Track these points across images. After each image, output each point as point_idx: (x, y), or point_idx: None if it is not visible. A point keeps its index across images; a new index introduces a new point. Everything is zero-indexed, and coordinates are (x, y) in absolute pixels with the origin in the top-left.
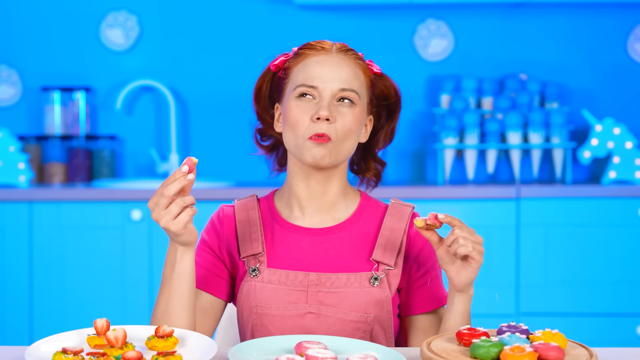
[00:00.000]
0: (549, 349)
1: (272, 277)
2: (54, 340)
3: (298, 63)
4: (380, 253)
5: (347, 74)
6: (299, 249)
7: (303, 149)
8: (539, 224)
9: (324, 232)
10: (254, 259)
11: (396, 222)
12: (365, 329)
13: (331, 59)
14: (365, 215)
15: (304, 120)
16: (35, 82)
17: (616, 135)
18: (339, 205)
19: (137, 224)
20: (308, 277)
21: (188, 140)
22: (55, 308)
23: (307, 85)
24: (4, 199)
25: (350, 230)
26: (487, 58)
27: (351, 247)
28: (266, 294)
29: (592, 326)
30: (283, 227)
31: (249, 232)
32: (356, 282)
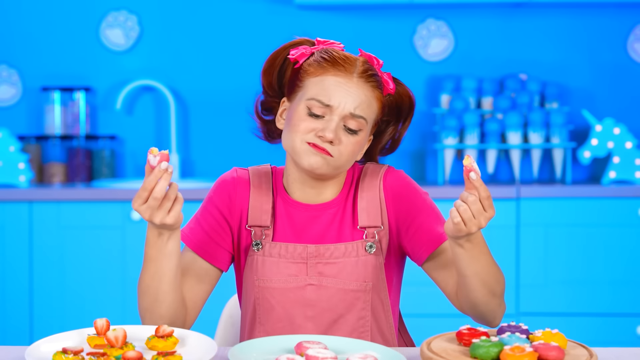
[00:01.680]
0: (549, 349)
1: (273, 251)
2: (54, 340)
3: (317, 74)
4: (364, 217)
5: (362, 101)
6: (299, 223)
7: (302, 152)
8: (538, 224)
9: (322, 207)
10: (260, 231)
11: (370, 181)
12: (365, 298)
13: (350, 84)
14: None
15: (308, 128)
16: (35, 82)
17: (616, 135)
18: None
19: (137, 224)
20: (307, 249)
21: (188, 140)
22: (55, 308)
23: (321, 102)
24: (4, 199)
25: (345, 203)
26: (487, 58)
27: (347, 218)
28: (267, 267)
29: (592, 326)
30: (287, 203)
31: (260, 202)
32: (354, 251)
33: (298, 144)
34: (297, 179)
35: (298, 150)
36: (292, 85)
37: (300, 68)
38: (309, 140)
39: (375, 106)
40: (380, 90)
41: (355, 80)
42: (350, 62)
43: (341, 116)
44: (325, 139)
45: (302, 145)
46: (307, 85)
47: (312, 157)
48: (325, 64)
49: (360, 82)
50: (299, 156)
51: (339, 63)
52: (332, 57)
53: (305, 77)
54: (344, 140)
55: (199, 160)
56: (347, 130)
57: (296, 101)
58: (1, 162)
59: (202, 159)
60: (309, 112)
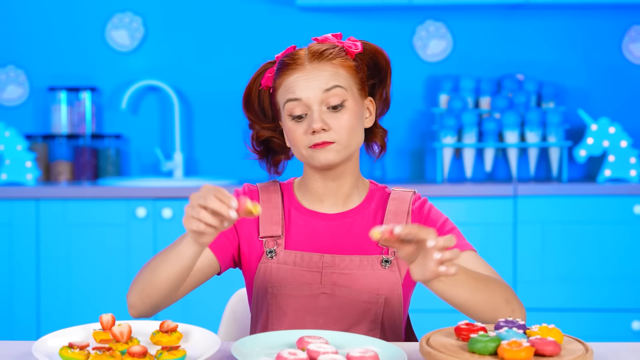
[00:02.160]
0: (546, 344)
1: (288, 259)
2: (61, 335)
3: (280, 84)
4: None
5: (326, 77)
6: (315, 233)
7: (309, 158)
8: (535, 222)
9: (338, 217)
10: (272, 241)
11: (399, 206)
12: (377, 310)
13: (306, 72)
14: (374, 201)
15: (301, 136)
16: (42, 82)
17: (611, 135)
18: (353, 195)
19: (142, 221)
20: (322, 258)
21: (192, 139)
22: (61, 303)
23: (291, 99)
24: (11, 197)
25: (362, 215)
26: (485, 59)
27: (363, 230)
28: (282, 275)
29: (587, 321)
30: (300, 212)
31: (270, 214)
32: (368, 264)
33: (304, 153)
34: (317, 178)
35: (307, 157)
36: (276, 109)
37: (273, 88)
38: (309, 144)
39: (344, 72)
40: (343, 57)
41: (309, 66)
42: (298, 55)
43: (316, 102)
44: (316, 131)
45: (308, 152)
46: (280, 99)
47: (320, 155)
48: (280, 72)
49: (314, 64)
50: (311, 161)
51: (288, 63)
52: (282, 62)
53: (276, 95)
54: (334, 121)
55: (202, 159)
56: (333, 109)
57: (283, 116)
58: (9, 161)
59: (205, 157)
60: (291, 118)
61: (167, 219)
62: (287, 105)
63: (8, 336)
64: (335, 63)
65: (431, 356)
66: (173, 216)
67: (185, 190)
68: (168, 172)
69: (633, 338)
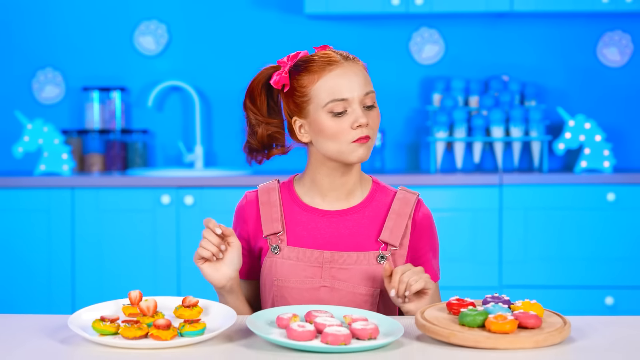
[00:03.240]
0: (528, 317)
1: (291, 254)
2: (93, 310)
3: (315, 80)
4: (387, 234)
5: (363, 78)
6: (316, 229)
7: (348, 152)
8: (519, 208)
9: (339, 214)
10: (275, 237)
11: (403, 207)
12: (373, 301)
13: (346, 69)
14: (376, 199)
15: (343, 130)
16: (77, 83)
17: (587, 130)
18: (356, 192)
19: (166, 207)
20: (323, 254)
21: (211, 133)
22: (94, 282)
23: (338, 99)
24: (49, 186)
25: (362, 213)
26: (474, 62)
27: (363, 228)
28: (286, 269)
29: (566, 297)
30: (302, 209)
31: (270, 213)
32: (365, 260)
33: (345, 147)
34: (326, 174)
35: (345, 151)
36: (298, 105)
37: (293, 87)
38: (353, 139)
39: (367, 74)
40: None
41: (345, 64)
42: (330, 54)
43: (359, 100)
44: (363, 126)
45: (349, 146)
46: (313, 95)
47: (359, 150)
48: (312, 68)
49: (349, 62)
50: (347, 155)
51: (324, 60)
52: (314, 60)
53: (305, 91)
54: (371, 119)
55: (220, 152)
56: (367, 109)
57: (312, 114)
58: (47, 153)
59: (223, 150)
60: (333, 115)
61: (189, 205)
62: (330, 104)
63: (47, 311)
64: (361, 66)
65: (426, 328)
66: (194, 203)
67: (205, 179)
68: (190, 163)
69: (606, 312)
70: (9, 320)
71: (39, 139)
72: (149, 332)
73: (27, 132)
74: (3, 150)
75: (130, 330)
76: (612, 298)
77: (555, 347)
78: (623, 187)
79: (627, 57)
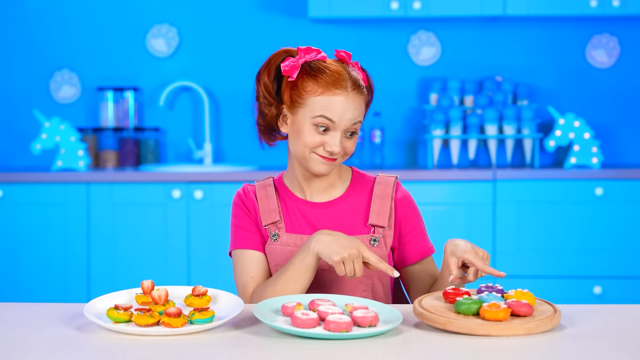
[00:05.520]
0: (520, 306)
1: (289, 241)
2: (108, 298)
3: (316, 92)
4: (375, 217)
5: (358, 111)
6: (309, 219)
7: (311, 161)
8: (512, 202)
9: (325, 205)
10: (274, 226)
11: (384, 190)
12: (367, 282)
13: (348, 99)
14: (357, 188)
15: (317, 143)
16: (92, 83)
17: (576, 128)
18: (337, 184)
19: (177, 202)
20: None
21: (219, 131)
22: (108, 272)
23: (328, 118)
24: (66, 181)
25: (347, 202)
26: (469, 63)
27: (350, 215)
28: (284, 255)
29: (556, 286)
30: (293, 201)
31: (267, 204)
32: None
33: (307, 154)
34: (303, 180)
35: (307, 158)
36: (292, 101)
37: (296, 83)
38: (318, 153)
39: (363, 107)
40: (366, 93)
41: (351, 94)
42: (342, 77)
43: (343, 129)
44: (333, 154)
45: (311, 155)
46: (309, 103)
47: (322, 166)
48: (322, 81)
49: (353, 94)
50: (309, 163)
51: (335, 81)
52: (326, 74)
53: (305, 95)
54: (346, 144)
55: (228, 148)
56: (348, 136)
57: (300, 116)
58: (64, 150)
59: (231, 147)
60: (316, 127)
61: (199, 199)
62: (319, 118)
63: (63, 300)
64: (362, 97)
65: (423, 316)
66: (203, 197)
67: (213, 175)
68: (199, 159)
69: (594, 301)
70: (28, 309)
71: (56, 137)
72: (160, 319)
73: (44, 130)
74: (22, 147)
75: (143, 318)
76: (600, 287)
77: (547, 334)
78: (610, 182)
79: (614, 59)
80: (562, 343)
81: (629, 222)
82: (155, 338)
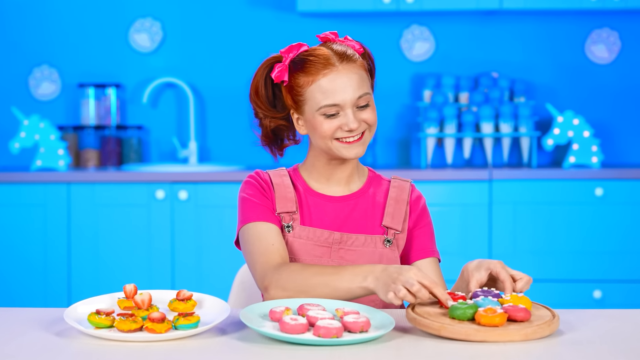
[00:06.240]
0: (517, 310)
1: (302, 233)
2: (89, 303)
3: (309, 83)
4: (389, 220)
5: (357, 81)
6: (325, 212)
7: (337, 149)
8: (508, 203)
9: (343, 199)
10: (289, 216)
11: (399, 194)
12: None
13: (340, 73)
14: (373, 186)
15: (335, 130)
16: (72, 79)
17: (575, 126)
18: (354, 177)
19: (160, 202)
20: (332, 235)
21: (205, 129)
22: (89, 275)
23: (330, 104)
24: (45, 181)
25: (363, 198)
26: (464, 58)
27: (366, 212)
28: (296, 247)
29: (555, 290)
30: (309, 194)
31: (284, 192)
32: (372, 243)
33: (330, 144)
34: (323, 174)
35: (333, 148)
36: (295, 102)
37: (291, 84)
38: (337, 137)
39: (364, 74)
40: (358, 58)
41: (342, 67)
42: (326, 55)
43: (350, 105)
44: (353, 130)
45: (334, 143)
46: (308, 96)
47: (352, 149)
48: (308, 70)
49: (344, 66)
50: (338, 152)
51: (319, 62)
52: (310, 61)
53: (301, 91)
54: (364, 116)
55: (214, 147)
56: (361, 108)
57: (308, 113)
58: (43, 149)
59: (217, 145)
60: (326, 117)
61: (183, 200)
62: (323, 109)
63: (43, 304)
64: (357, 64)
65: (417, 321)
66: (188, 198)
67: (199, 175)
68: (184, 158)
69: (594, 305)
70: (6, 314)
71: (35, 135)
72: (144, 325)
73: (23, 128)
74: (0, 146)
75: (126, 323)
76: (600, 291)
77: (545, 339)
78: (611, 182)
79: (614, 54)
80: (560, 349)
81: (630, 224)
82: (139, 344)
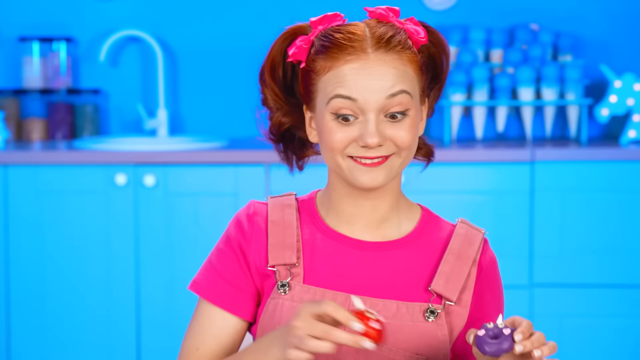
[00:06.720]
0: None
1: (305, 296)
2: None
3: (326, 70)
4: (441, 283)
5: (392, 77)
6: (344, 265)
7: (349, 170)
8: (554, 189)
9: (376, 247)
10: (286, 271)
11: (465, 248)
12: None
13: (369, 65)
14: (426, 234)
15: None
16: (12, 32)
17: (636, 92)
18: (392, 221)
19: (121, 189)
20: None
21: (177, 95)
22: (32, 279)
23: (343, 95)
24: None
25: (407, 250)
26: (496, 6)
27: (406, 270)
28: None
29: (615, 298)
30: (326, 235)
31: (282, 236)
32: (408, 314)
33: (341, 162)
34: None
35: (344, 168)
36: (307, 92)
37: (308, 67)
38: (350, 154)
39: (411, 71)
40: (411, 50)
41: (373, 56)
42: (358, 37)
43: (375, 109)
44: (370, 146)
45: (347, 162)
46: (320, 87)
47: (366, 174)
48: (330, 53)
49: (379, 55)
50: (350, 175)
51: (345, 45)
52: (334, 42)
53: (315, 79)
54: (392, 131)
55: (188, 116)
56: (391, 118)
57: (318, 110)
58: None
59: (192, 114)
60: (336, 118)
61: (150, 187)
62: (333, 101)
63: None
64: (403, 57)
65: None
66: (156, 184)
67: (169, 155)
68: (151, 130)
69: None
70: None
71: None
72: None
73: None
74: None
75: None
76: None
77: None
78: None
79: None
80: None
81: None
82: None
